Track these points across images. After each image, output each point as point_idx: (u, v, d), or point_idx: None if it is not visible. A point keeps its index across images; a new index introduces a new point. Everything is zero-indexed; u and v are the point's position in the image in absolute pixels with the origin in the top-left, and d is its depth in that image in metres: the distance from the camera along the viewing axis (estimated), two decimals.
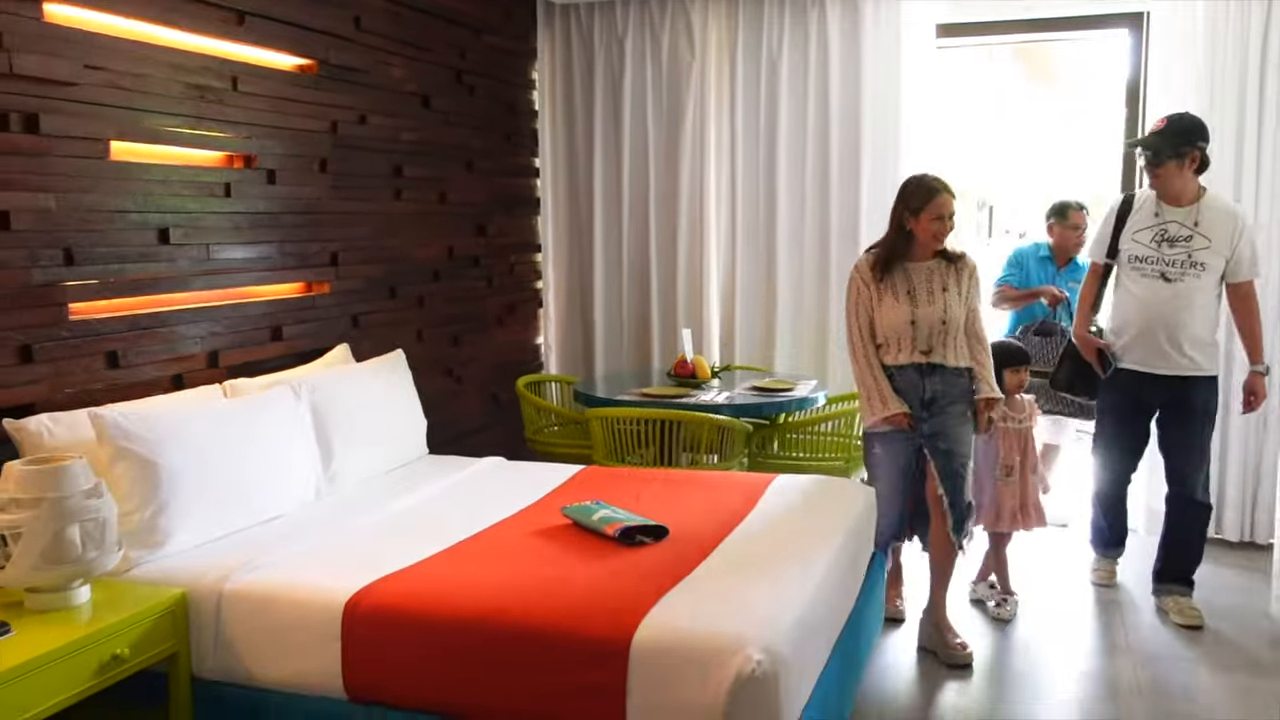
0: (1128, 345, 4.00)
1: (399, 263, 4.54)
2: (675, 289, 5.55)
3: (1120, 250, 4.01)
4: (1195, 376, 3.92)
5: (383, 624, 2.43)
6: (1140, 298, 3.94)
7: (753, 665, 2.14)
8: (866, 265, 3.61)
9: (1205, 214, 3.87)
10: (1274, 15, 4.58)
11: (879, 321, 3.55)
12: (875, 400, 3.55)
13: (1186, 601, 3.98)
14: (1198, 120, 3.90)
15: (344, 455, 3.47)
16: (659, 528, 2.91)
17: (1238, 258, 3.85)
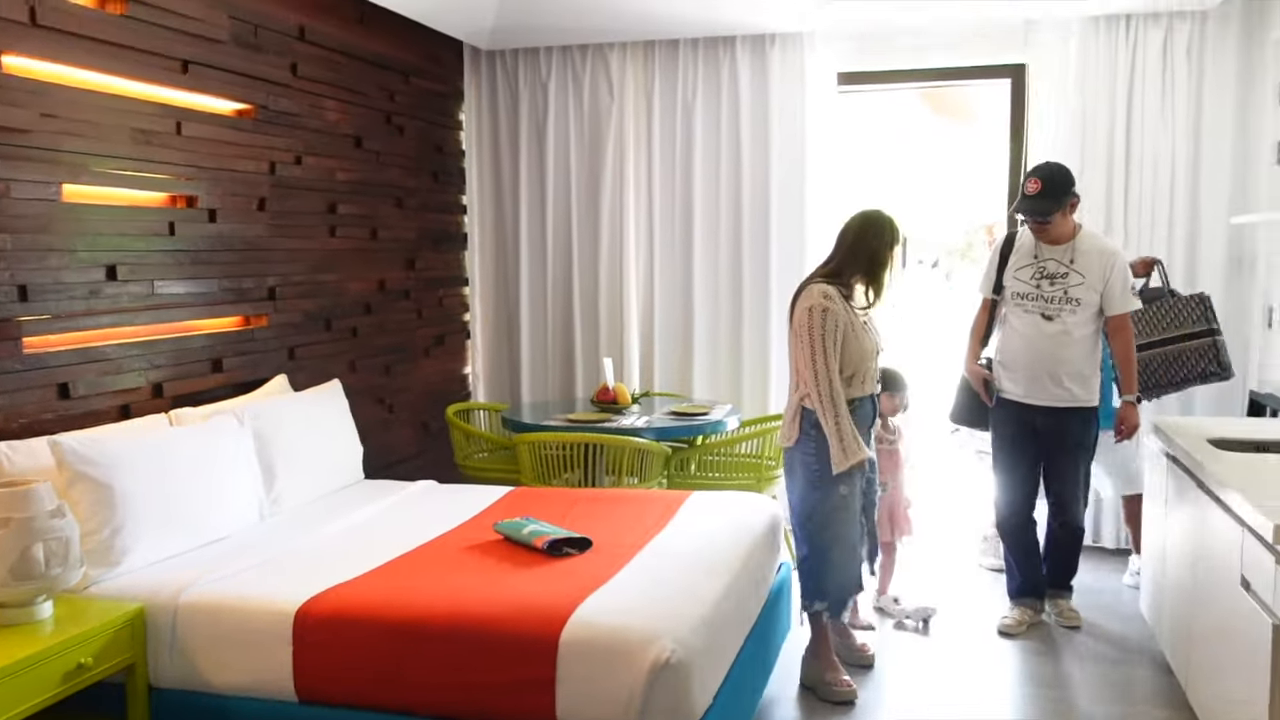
0: (1012, 378, 4.18)
1: (333, 296, 4.76)
2: (597, 320, 5.84)
3: (1004, 286, 4.21)
4: (1073, 408, 4.10)
5: (331, 629, 2.66)
6: (1023, 333, 4.14)
7: (668, 654, 2.42)
8: (835, 294, 3.49)
9: (1080, 251, 4.07)
10: (1135, 67, 5.05)
11: (852, 352, 3.47)
12: (850, 442, 3.40)
13: (1066, 604, 4.31)
14: (1063, 168, 4.11)
15: (285, 479, 3.67)
16: (583, 540, 3.17)
17: (1109, 292, 4.04)
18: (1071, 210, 4.09)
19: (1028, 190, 4.05)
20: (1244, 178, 5.00)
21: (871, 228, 3.58)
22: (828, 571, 3.56)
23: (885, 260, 3.56)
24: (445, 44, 5.72)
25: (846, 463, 3.39)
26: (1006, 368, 4.22)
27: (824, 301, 3.43)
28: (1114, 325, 4.10)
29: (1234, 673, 2.87)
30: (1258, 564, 2.65)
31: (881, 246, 3.55)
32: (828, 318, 3.41)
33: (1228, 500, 2.95)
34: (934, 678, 3.83)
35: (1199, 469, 3.27)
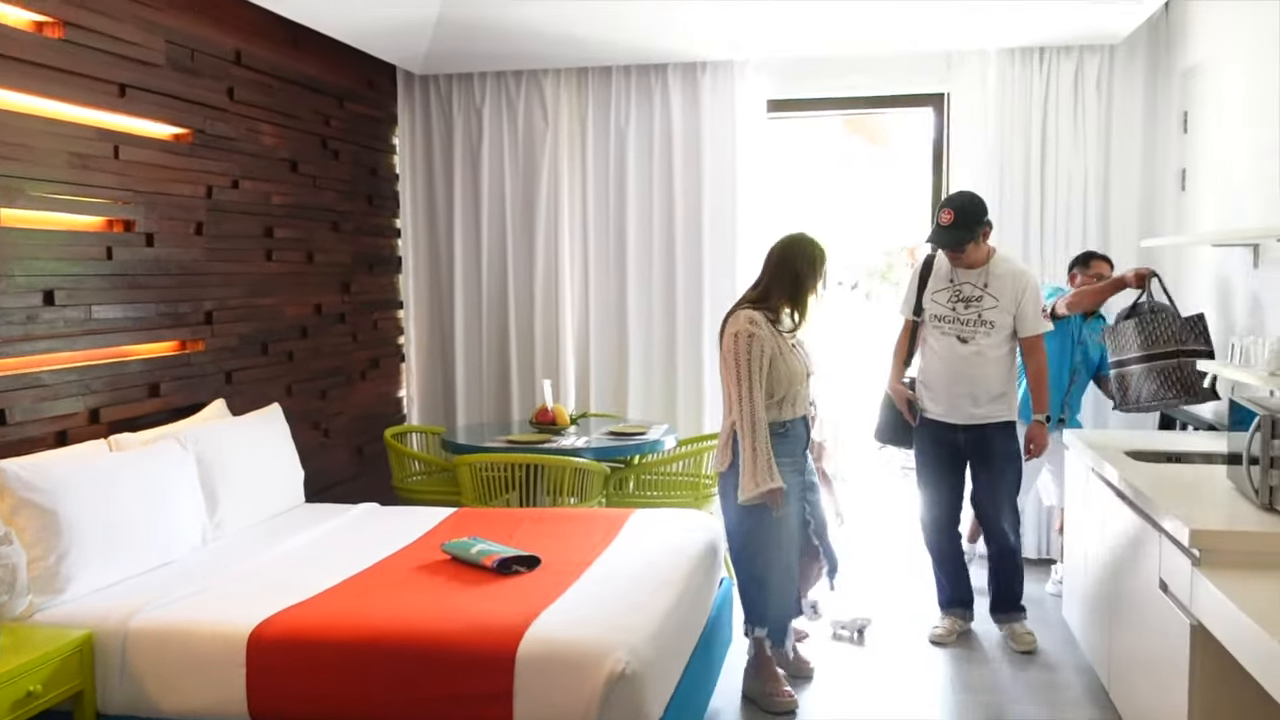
0: (932, 397, 4.27)
1: (270, 320, 4.74)
2: (533, 342, 5.89)
3: (924, 309, 4.30)
4: (994, 424, 4.19)
5: (285, 651, 2.67)
6: (940, 355, 4.22)
7: (622, 666, 2.49)
8: (761, 318, 3.53)
9: (994, 275, 4.15)
10: (1049, 97, 5.30)
11: (780, 375, 3.50)
12: (764, 470, 3.40)
13: (1020, 628, 4.30)
14: (975, 198, 4.19)
15: (228, 503, 3.66)
16: (532, 558, 3.22)
17: (1021, 315, 4.13)
18: (985, 237, 4.18)
19: (941, 221, 4.15)
20: (1151, 203, 5.27)
21: (794, 251, 3.63)
22: (766, 598, 3.58)
23: (808, 282, 3.60)
24: (380, 68, 5.75)
25: (755, 490, 3.38)
26: (927, 388, 4.31)
27: (749, 327, 3.46)
28: (1026, 346, 4.21)
29: (1155, 673, 3.03)
30: (1175, 567, 2.81)
31: (804, 268, 3.59)
32: (753, 344, 3.44)
33: (1145, 508, 3.12)
34: (871, 686, 3.94)
35: (1117, 479, 3.45)
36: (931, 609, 4.53)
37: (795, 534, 3.59)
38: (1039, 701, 3.78)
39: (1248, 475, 2.96)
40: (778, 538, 3.51)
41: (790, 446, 3.56)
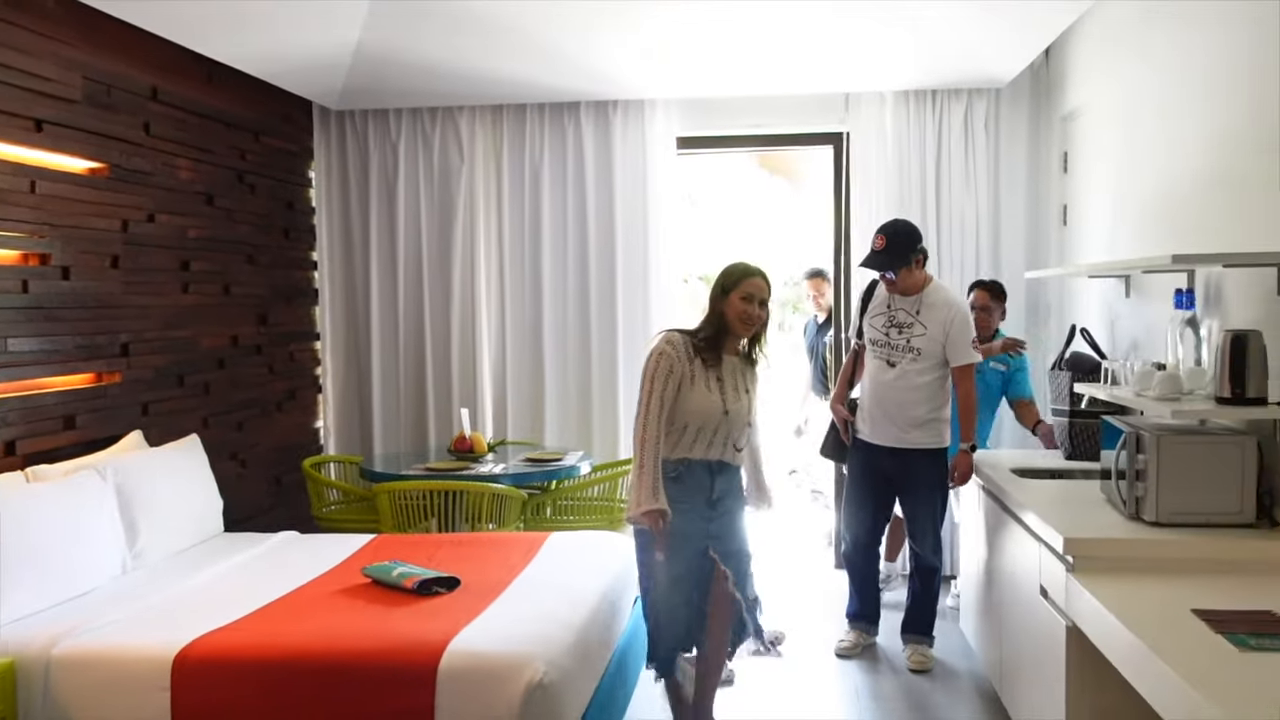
0: (862, 418, 4.41)
1: (186, 352, 4.77)
2: (450, 372, 5.99)
3: (863, 333, 4.45)
4: (919, 450, 4.28)
5: (210, 674, 2.74)
6: (871, 377, 4.36)
7: (541, 675, 2.62)
8: (680, 342, 3.37)
9: (926, 304, 4.25)
10: (942, 137, 5.62)
11: (685, 406, 3.31)
12: (647, 490, 3.23)
13: (920, 649, 4.47)
14: (909, 225, 4.33)
15: (148, 533, 3.69)
16: (452, 579, 3.33)
17: (950, 344, 4.21)
18: (919, 265, 4.28)
19: (874, 246, 4.25)
20: (1037, 237, 5.60)
21: (718, 276, 3.47)
22: (652, 631, 3.45)
23: (716, 303, 3.40)
24: (295, 103, 5.83)
25: (637, 509, 3.23)
26: (860, 409, 4.45)
27: (664, 346, 3.34)
28: (956, 375, 4.28)
29: (1038, 674, 3.25)
30: (1053, 574, 3.04)
31: (718, 290, 3.42)
32: (661, 362, 3.30)
33: (1027, 520, 3.36)
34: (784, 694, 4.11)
35: (1004, 495, 3.69)
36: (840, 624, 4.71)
37: (685, 582, 3.37)
38: (938, 707, 3.99)
39: (1116, 488, 3.22)
40: (660, 578, 3.34)
41: (683, 490, 3.34)
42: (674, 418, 3.31)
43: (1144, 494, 3.05)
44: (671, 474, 3.32)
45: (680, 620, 3.40)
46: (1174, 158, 3.75)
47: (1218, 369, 3.00)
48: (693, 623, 3.43)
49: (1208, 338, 3.38)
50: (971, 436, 4.26)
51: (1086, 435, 4.16)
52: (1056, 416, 4.38)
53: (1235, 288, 3.29)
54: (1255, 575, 2.76)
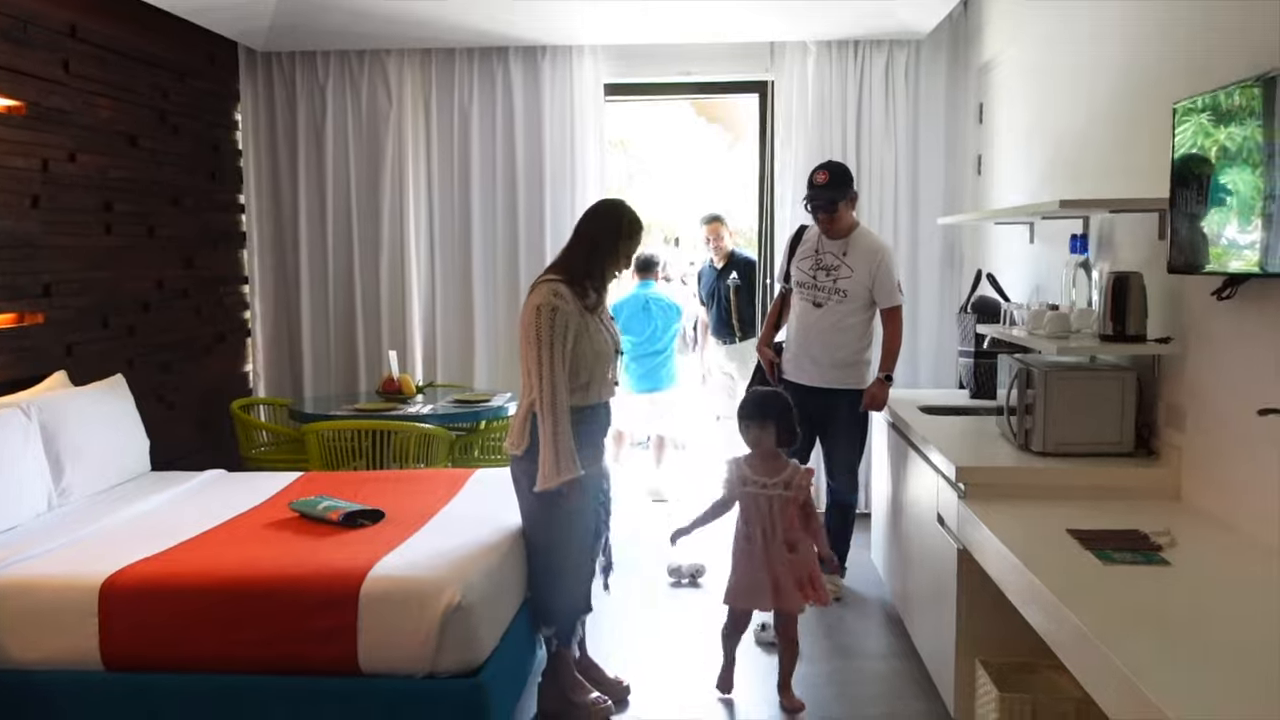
0: (787, 359, 4.58)
1: (110, 294, 4.76)
2: (380, 316, 6.04)
3: (791, 276, 4.60)
4: (839, 390, 4.43)
5: (136, 600, 2.82)
6: (798, 318, 4.51)
7: (458, 598, 2.74)
8: (568, 293, 3.22)
9: (853, 246, 4.41)
10: (863, 86, 5.74)
11: (585, 354, 3.21)
12: (565, 458, 3.11)
13: (834, 579, 4.59)
14: (845, 165, 4.51)
15: (73, 470, 3.72)
16: (376, 511, 3.43)
17: (877, 287, 4.38)
18: (851, 205, 4.46)
19: (817, 181, 4.36)
20: (953, 185, 5.77)
21: (594, 216, 3.41)
22: (555, 595, 3.36)
23: (605, 250, 3.32)
24: (221, 44, 5.78)
25: (556, 479, 3.10)
26: (786, 350, 4.61)
27: (553, 300, 3.15)
28: (884, 317, 4.46)
29: (933, 597, 3.45)
30: (948, 502, 3.23)
31: (600, 234, 3.32)
32: (556, 318, 3.13)
33: (927, 453, 3.55)
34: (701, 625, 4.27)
35: (909, 430, 3.87)
36: None
37: (589, 527, 3.37)
38: (847, 633, 4.20)
39: (1008, 422, 3.41)
40: (571, 530, 3.28)
41: (591, 434, 3.31)
42: (575, 370, 3.19)
43: (1032, 426, 3.25)
44: (581, 419, 3.24)
45: (584, 577, 3.41)
46: (1079, 109, 3.91)
47: (1102, 308, 3.19)
48: (591, 578, 3.47)
49: (1099, 280, 3.56)
50: (889, 369, 4.43)
51: (990, 376, 4.36)
52: (962, 357, 4.57)
53: (1124, 233, 3.47)
54: (1130, 500, 2.98)
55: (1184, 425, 3.01)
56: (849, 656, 3.98)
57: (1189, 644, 1.95)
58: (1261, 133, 2.36)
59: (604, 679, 3.57)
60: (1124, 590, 2.24)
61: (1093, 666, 1.97)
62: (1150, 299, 3.13)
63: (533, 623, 3.45)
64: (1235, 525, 2.68)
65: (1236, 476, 2.69)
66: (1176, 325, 3.06)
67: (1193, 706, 1.65)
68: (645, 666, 3.82)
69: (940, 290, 5.80)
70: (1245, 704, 1.70)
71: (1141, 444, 3.20)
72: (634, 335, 6.40)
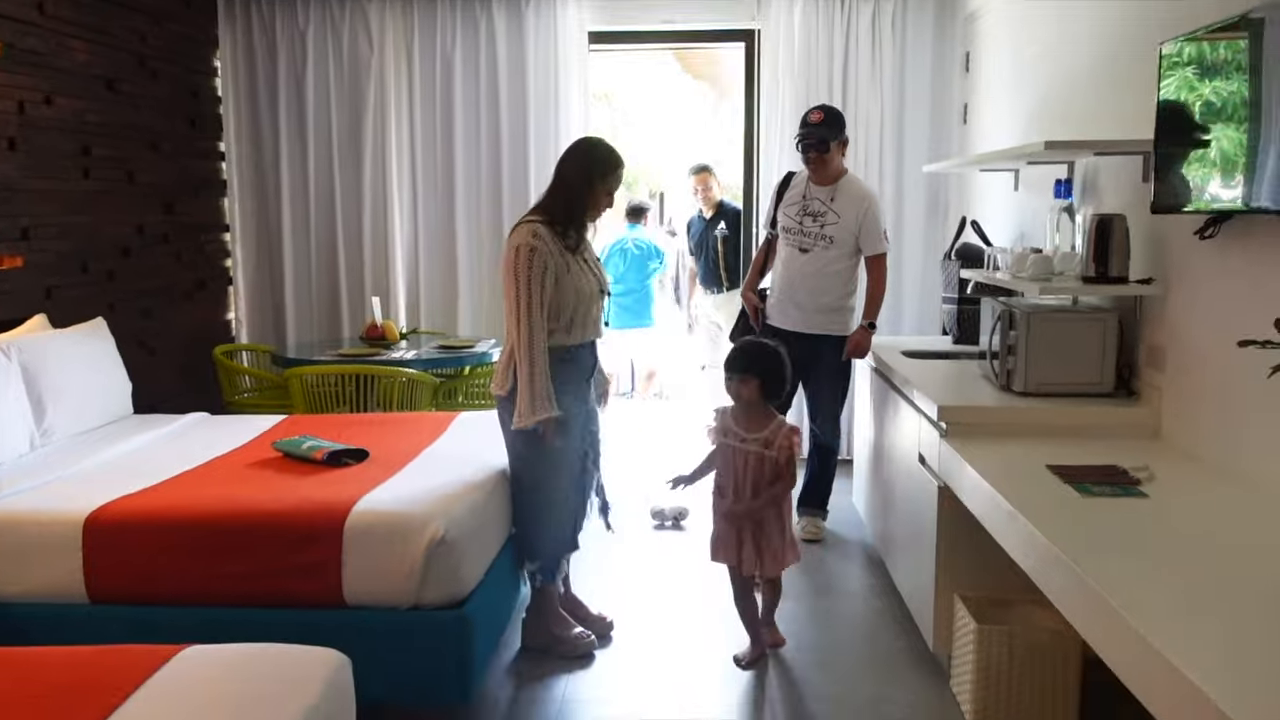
0: (771, 304, 4.58)
1: (90, 239, 4.72)
2: (362, 263, 6.01)
3: (777, 222, 4.58)
4: (823, 336, 4.44)
5: (120, 533, 2.82)
6: (783, 264, 4.51)
7: (443, 532, 2.75)
8: (547, 233, 3.21)
9: (841, 193, 4.40)
10: (850, 36, 5.70)
11: (567, 295, 3.21)
12: (541, 396, 3.13)
13: (814, 520, 4.71)
14: (837, 109, 4.56)
15: (55, 411, 3.71)
16: (360, 451, 3.43)
17: (863, 234, 4.38)
18: (841, 150, 4.45)
19: (810, 119, 4.38)
20: (938, 135, 5.75)
21: (571, 155, 3.36)
22: (540, 531, 3.39)
23: (582, 189, 3.28)
24: None
25: (531, 419, 3.13)
26: (771, 296, 4.61)
27: (531, 240, 3.15)
28: (869, 264, 4.47)
29: (914, 534, 3.49)
30: (929, 441, 3.26)
31: (575, 172, 3.29)
32: (534, 258, 3.13)
33: (910, 395, 3.57)
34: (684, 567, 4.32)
35: (892, 374, 3.90)
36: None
37: (575, 466, 3.39)
38: (829, 574, 4.25)
39: (990, 364, 3.43)
40: (555, 469, 3.30)
41: (574, 373, 3.32)
42: (557, 310, 3.20)
43: (1014, 367, 3.27)
44: (566, 357, 3.27)
45: (569, 515, 3.41)
46: (1063, 57, 3.90)
47: (1085, 250, 3.20)
48: (577, 517, 3.46)
49: (1082, 225, 3.58)
50: (873, 316, 4.45)
51: (973, 322, 4.37)
52: (946, 304, 4.59)
53: (1108, 177, 3.48)
54: (1109, 438, 3.01)
55: (1164, 365, 3.04)
56: (829, 595, 4.03)
57: (1164, 569, 1.98)
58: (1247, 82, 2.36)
59: (588, 615, 3.61)
60: (1102, 520, 2.27)
61: (1069, 590, 2.01)
62: (1133, 242, 3.14)
63: (517, 560, 3.48)
64: (1214, 462, 2.72)
65: (1215, 414, 2.73)
66: (1158, 267, 3.08)
67: (1164, 624, 1.68)
68: (628, 604, 3.86)
69: (924, 238, 5.81)
70: (1218, 622, 1.73)
71: (1122, 384, 3.23)
72: (613, 275, 6.84)
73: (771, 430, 3.34)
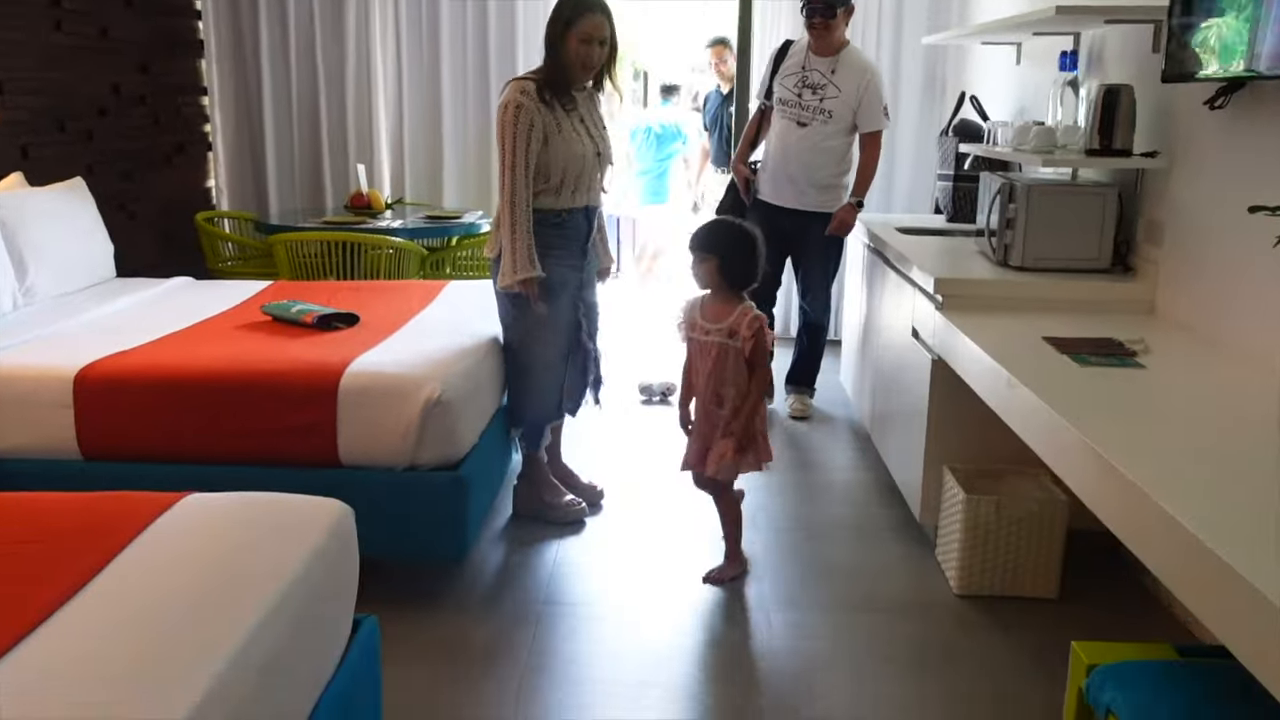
0: (764, 178, 4.46)
1: (65, 97, 4.57)
2: (346, 129, 5.87)
3: (772, 93, 4.43)
4: (816, 213, 4.35)
5: (112, 390, 2.79)
6: (778, 136, 4.36)
7: (439, 393, 2.74)
8: (534, 90, 3.11)
9: (842, 66, 4.25)
10: None
11: (556, 156, 3.12)
12: (523, 257, 3.08)
13: (803, 398, 4.72)
14: None
15: (36, 270, 3.64)
16: (351, 315, 3.39)
17: (861, 109, 4.25)
18: (846, 20, 4.28)
19: None
20: (938, 7, 5.60)
21: (553, 10, 3.17)
22: (524, 398, 3.39)
23: (557, 41, 3.13)
24: None
25: (513, 278, 3.09)
26: (763, 169, 4.48)
27: (519, 98, 3.07)
28: (865, 141, 4.35)
29: (905, 408, 3.52)
30: (924, 315, 3.25)
31: (551, 26, 3.15)
32: (520, 115, 3.05)
33: (905, 270, 3.55)
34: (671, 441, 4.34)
35: (886, 249, 3.87)
36: None
37: (564, 332, 3.32)
38: (815, 448, 4.30)
39: (989, 240, 3.41)
40: (541, 333, 3.26)
41: (563, 239, 3.24)
42: (547, 171, 3.13)
43: (1011, 241, 3.25)
44: (555, 220, 3.21)
45: (555, 383, 3.34)
46: None
47: (1089, 122, 3.15)
48: (563, 384, 3.38)
49: (1086, 98, 3.51)
50: (862, 194, 4.38)
51: (968, 199, 4.33)
52: (941, 181, 4.53)
53: (1115, 47, 3.40)
54: (1105, 313, 3.01)
55: (1162, 241, 3.03)
56: (816, 469, 4.08)
57: (1162, 432, 2.00)
58: None
59: (579, 484, 3.62)
60: (1100, 388, 2.28)
61: (1067, 452, 2.02)
62: (1139, 115, 3.09)
63: (507, 426, 3.48)
64: (1209, 335, 2.73)
65: (1213, 288, 2.72)
66: (1163, 140, 3.04)
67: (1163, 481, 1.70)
68: (618, 475, 3.89)
69: (919, 115, 5.70)
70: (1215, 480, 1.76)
71: (1119, 260, 3.22)
72: (639, 155, 7.23)
73: (735, 319, 2.97)
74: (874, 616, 2.92)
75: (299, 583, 1.63)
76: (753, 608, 2.97)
